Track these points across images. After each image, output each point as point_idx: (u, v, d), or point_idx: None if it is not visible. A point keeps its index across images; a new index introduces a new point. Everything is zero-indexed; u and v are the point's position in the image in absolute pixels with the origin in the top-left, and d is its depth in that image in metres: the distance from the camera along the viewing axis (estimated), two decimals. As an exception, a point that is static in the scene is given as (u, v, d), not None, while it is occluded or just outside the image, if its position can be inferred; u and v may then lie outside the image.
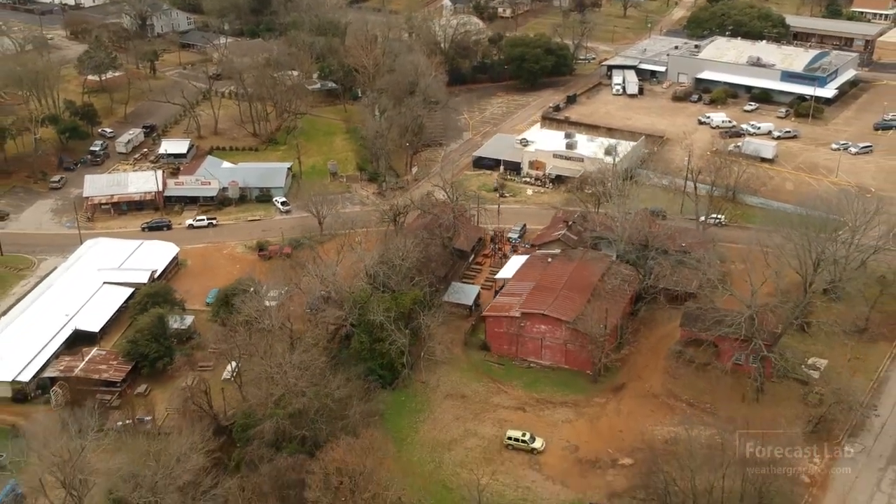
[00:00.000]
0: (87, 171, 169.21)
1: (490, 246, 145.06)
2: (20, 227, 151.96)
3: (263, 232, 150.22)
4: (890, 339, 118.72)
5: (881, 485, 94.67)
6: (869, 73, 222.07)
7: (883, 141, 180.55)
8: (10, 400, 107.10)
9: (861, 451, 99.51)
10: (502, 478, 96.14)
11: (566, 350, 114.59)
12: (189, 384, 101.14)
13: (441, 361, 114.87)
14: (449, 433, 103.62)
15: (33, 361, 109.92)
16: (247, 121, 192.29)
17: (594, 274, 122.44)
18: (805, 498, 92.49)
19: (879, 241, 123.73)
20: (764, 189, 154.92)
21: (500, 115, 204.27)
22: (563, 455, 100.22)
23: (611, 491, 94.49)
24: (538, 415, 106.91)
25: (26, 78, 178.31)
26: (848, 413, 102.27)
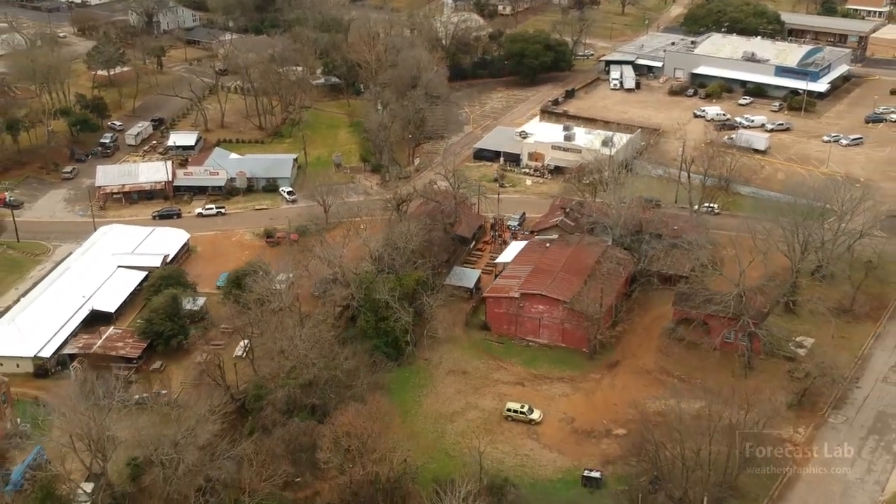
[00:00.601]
0: (97, 162, 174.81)
1: (490, 233, 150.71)
2: (35, 216, 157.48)
3: (270, 220, 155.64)
4: (874, 319, 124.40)
5: (861, 453, 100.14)
6: (862, 69, 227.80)
7: (873, 133, 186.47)
8: (31, 375, 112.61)
9: (844, 421, 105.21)
10: (502, 446, 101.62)
11: (563, 329, 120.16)
12: (203, 359, 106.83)
13: (443, 340, 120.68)
14: (451, 406, 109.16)
15: (53, 339, 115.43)
16: (252, 114, 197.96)
17: (590, 257, 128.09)
18: (789, 464, 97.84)
19: (864, 227, 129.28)
20: (756, 179, 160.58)
21: (500, 109, 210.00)
22: (560, 426, 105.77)
23: (605, 458, 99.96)
24: (536, 389, 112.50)
25: (39, 72, 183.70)
26: (832, 386, 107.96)
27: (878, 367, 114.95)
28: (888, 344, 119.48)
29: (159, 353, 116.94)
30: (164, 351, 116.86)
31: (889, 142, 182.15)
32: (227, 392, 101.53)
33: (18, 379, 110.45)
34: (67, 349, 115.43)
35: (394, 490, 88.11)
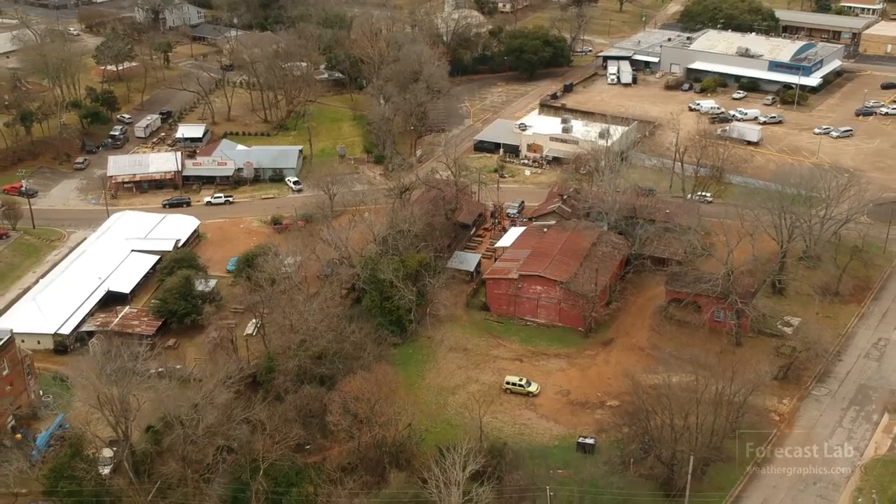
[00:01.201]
0: (108, 153, 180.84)
1: (490, 220, 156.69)
2: (49, 204, 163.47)
3: (277, 209, 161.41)
4: (859, 300, 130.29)
5: (843, 422, 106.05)
6: (854, 65, 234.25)
7: (863, 126, 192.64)
8: (52, 351, 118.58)
9: (826, 393, 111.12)
10: (501, 416, 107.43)
11: (560, 309, 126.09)
12: (216, 335, 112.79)
13: (445, 319, 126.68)
14: (452, 380, 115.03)
15: (72, 317, 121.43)
16: (258, 108, 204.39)
17: (586, 241, 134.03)
18: (773, 431, 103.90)
19: (850, 213, 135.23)
20: (747, 169, 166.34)
21: (500, 103, 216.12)
22: (556, 398, 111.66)
23: (599, 427, 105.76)
24: (534, 365, 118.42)
25: (52, 66, 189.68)
26: (816, 360, 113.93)
27: (861, 344, 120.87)
28: (871, 323, 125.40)
29: (173, 331, 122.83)
30: (177, 329, 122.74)
31: (878, 134, 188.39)
32: (240, 366, 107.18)
33: (39, 355, 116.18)
34: (85, 327, 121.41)
35: (399, 452, 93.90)
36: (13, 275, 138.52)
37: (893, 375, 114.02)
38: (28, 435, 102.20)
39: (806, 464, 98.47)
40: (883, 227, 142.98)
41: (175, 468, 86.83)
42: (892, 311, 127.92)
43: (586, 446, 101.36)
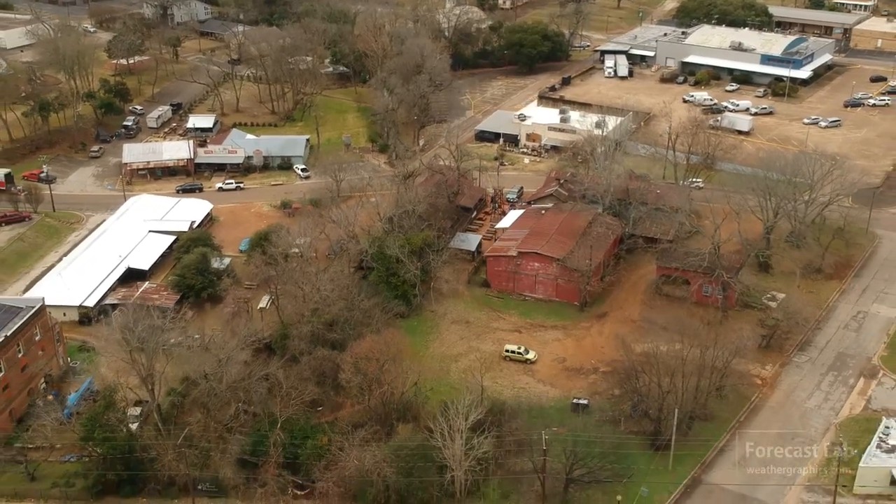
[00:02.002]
0: (121, 143, 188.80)
1: (490, 204, 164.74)
2: (67, 190, 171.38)
3: (286, 194, 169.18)
4: (840, 277, 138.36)
5: (821, 385, 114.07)
6: (845, 59, 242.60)
7: (851, 117, 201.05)
8: (77, 323, 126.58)
9: (807, 360, 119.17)
10: (501, 381, 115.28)
11: (557, 285, 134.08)
12: (233, 307, 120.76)
13: (447, 295, 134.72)
14: (455, 349, 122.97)
15: (95, 291, 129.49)
16: (266, 100, 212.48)
17: (582, 222, 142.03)
18: (755, 394, 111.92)
19: (832, 196, 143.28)
20: (738, 156, 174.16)
21: (500, 95, 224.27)
22: (552, 365, 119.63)
23: (592, 390, 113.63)
24: (532, 335, 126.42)
25: (68, 58, 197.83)
26: (798, 329, 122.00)
27: (841, 316, 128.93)
28: (851, 298, 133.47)
29: (190, 304, 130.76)
30: (195, 302, 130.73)
31: (865, 124, 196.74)
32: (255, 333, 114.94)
33: (65, 326, 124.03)
34: (108, 300, 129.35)
35: (405, 409, 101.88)
36: (36, 254, 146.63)
37: (870, 344, 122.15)
38: (59, 396, 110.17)
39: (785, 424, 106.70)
40: (867, 210, 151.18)
41: (200, 419, 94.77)
42: (871, 287, 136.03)
43: (580, 406, 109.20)
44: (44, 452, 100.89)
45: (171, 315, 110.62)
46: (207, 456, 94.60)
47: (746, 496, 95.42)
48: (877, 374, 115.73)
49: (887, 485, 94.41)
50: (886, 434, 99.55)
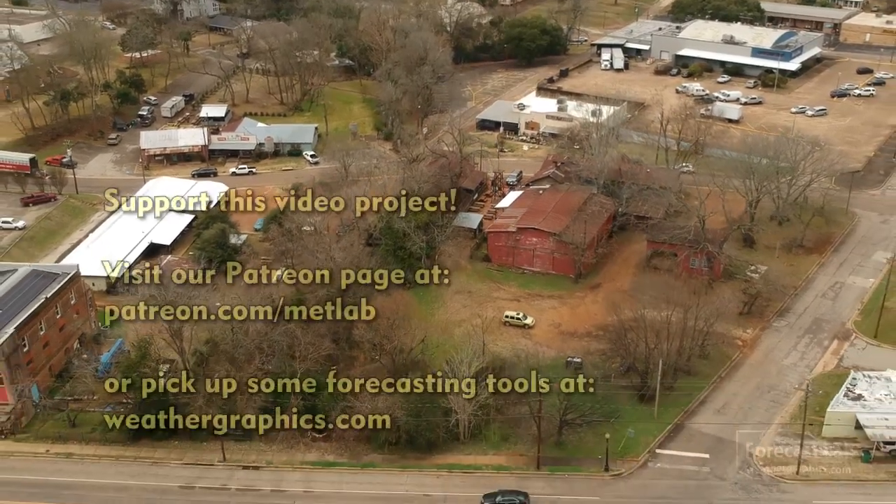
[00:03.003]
0: (137, 131, 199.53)
1: (491, 188, 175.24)
2: (88, 174, 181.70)
3: (296, 178, 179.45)
4: (821, 251, 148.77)
5: (797, 346, 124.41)
6: (835, 52, 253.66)
7: (837, 106, 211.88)
8: (104, 292, 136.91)
9: (785, 325, 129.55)
10: (500, 343, 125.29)
11: (553, 258, 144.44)
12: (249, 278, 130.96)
13: (451, 268, 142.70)
14: (458, 316, 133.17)
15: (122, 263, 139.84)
16: (274, 91, 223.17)
17: (577, 201, 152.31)
18: (736, 353, 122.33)
19: (813, 176, 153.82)
20: (727, 141, 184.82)
21: (500, 87, 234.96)
22: (549, 329, 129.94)
23: (586, 351, 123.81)
24: (530, 304, 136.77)
25: (87, 51, 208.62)
26: (778, 297, 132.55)
27: (819, 286, 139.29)
28: (830, 270, 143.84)
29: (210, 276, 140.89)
30: (214, 275, 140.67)
31: (850, 113, 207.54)
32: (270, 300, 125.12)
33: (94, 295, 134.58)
34: (133, 272, 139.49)
35: (414, 364, 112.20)
36: (63, 231, 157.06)
37: (845, 311, 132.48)
38: (92, 356, 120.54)
39: (763, 380, 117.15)
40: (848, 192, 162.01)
41: (227, 368, 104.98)
42: (849, 261, 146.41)
43: (574, 364, 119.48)
44: (82, 403, 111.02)
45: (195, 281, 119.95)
46: (234, 403, 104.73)
47: (724, 439, 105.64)
48: (850, 337, 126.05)
49: (853, 429, 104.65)
50: (854, 385, 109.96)
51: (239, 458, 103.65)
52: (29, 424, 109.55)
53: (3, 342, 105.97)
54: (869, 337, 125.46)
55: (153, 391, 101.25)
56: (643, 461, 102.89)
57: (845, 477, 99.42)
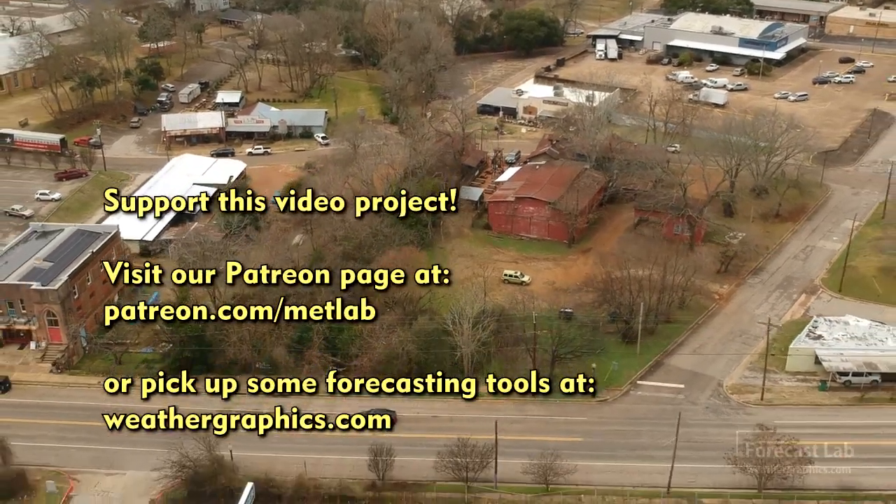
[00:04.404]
0: (157, 115, 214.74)
1: (491, 165, 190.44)
2: (113, 154, 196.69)
3: (308, 158, 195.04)
4: (795, 220, 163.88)
5: (769, 299, 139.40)
6: (820, 43, 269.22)
7: (818, 92, 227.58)
8: (138, 254, 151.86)
9: (759, 282, 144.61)
10: (499, 297, 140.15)
11: (549, 225, 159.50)
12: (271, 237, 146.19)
13: (454, 235, 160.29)
14: (462, 275, 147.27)
15: (153, 229, 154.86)
16: (285, 79, 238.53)
17: (571, 174, 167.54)
18: (713, 305, 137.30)
19: (789, 151, 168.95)
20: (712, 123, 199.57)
21: (499, 76, 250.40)
22: (544, 285, 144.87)
23: (577, 304, 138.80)
24: (527, 265, 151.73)
25: (110, 39, 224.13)
26: (753, 256, 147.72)
27: (792, 249, 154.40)
28: (803, 236, 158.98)
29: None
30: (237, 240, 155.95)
31: (830, 98, 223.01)
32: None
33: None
34: (164, 236, 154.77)
35: (423, 311, 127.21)
36: (95, 203, 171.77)
37: (814, 270, 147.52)
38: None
39: (736, 326, 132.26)
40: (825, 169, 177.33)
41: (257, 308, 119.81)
42: (820, 228, 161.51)
43: (566, 314, 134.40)
44: (125, 346, 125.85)
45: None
46: (263, 341, 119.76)
47: (699, 373, 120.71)
48: (816, 291, 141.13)
49: (812, 363, 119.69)
50: (815, 327, 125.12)
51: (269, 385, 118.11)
52: (80, 363, 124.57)
53: (59, 287, 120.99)
54: (834, 291, 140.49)
55: (191, 329, 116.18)
56: (626, 390, 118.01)
57: (803, 402, 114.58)
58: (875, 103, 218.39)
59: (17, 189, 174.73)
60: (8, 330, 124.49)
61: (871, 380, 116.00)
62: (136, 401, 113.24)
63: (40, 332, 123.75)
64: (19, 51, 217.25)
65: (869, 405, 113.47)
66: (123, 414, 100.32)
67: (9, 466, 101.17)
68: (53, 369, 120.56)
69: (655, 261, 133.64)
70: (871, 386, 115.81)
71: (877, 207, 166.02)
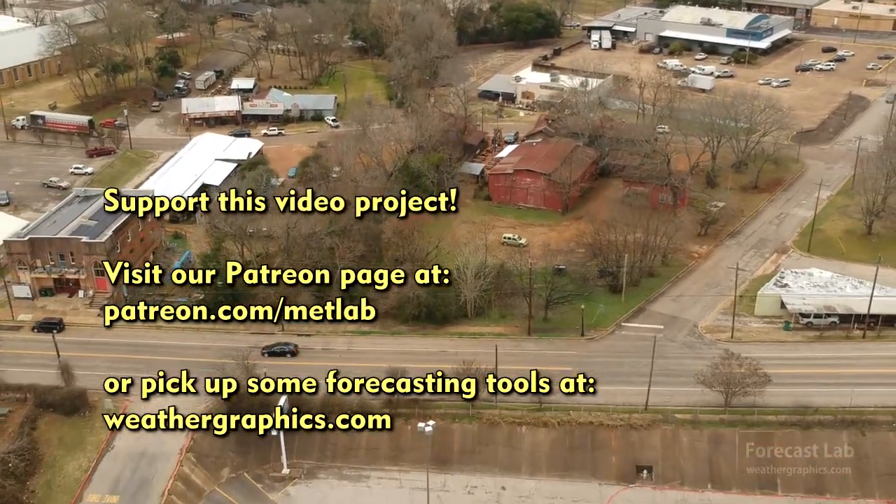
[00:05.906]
0: (176, 100, 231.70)
1: (491, 145, 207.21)
2: (137, 135, 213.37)
3: (321, 138, 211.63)
4: (771, 191, 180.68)
5: (744, 257, 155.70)
6: (805, 34, 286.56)
7: (800, 79, 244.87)
8: (168, 221, 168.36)
9: (735, 243, 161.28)
10: (499, 257, 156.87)
11: (545, 195, 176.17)
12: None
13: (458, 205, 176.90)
14: (464, 239, 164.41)
15: (183, 194, 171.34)
16: (296, 68, 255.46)
17: (566, 149, 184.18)
18: (692, 262, 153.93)
19: (766, 129, 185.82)
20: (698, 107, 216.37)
21: (499, 65, 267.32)
22: (540, 247, 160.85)
23: (569, 261, 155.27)
24: (524, 230, 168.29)
25: (133, 27, 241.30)
26: (731, 221, 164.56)
27: (766, 217, 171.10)
28: (778, 205, 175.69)
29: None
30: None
31: (811, 84, 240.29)
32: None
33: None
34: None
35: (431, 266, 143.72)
36: (124, 177, 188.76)
37: (786, 234, 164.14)
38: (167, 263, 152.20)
39: (712, 279, 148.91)
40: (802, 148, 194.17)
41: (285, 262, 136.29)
42: (794, 198, 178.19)
43: (559, 270, 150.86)
44: (163, 296, 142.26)
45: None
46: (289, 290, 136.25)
47: (678, 317, 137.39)
48: (787, 251, 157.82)
49: (778, 308, 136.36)
50: (782, 277, 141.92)
51: (295, 330, 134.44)
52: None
53: (107, 240, 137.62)
54: (803, 251, 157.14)
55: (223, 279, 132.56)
56: (612, 330, 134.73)
57: (769, 339, 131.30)
58: (853, 88, 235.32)
59: (52, 164, 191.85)
60: (59, 279, 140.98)
61: (829, 321, 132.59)
62: (176, 339, 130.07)
63: (88, 282, 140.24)
64: (48, 38, 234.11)
65: (826, 342, 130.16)
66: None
67: (72, 386, 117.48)
68: (100, 313, 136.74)
69: (641, 225, 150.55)
70: (829, 326, 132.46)
71: (847, 180, 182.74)
